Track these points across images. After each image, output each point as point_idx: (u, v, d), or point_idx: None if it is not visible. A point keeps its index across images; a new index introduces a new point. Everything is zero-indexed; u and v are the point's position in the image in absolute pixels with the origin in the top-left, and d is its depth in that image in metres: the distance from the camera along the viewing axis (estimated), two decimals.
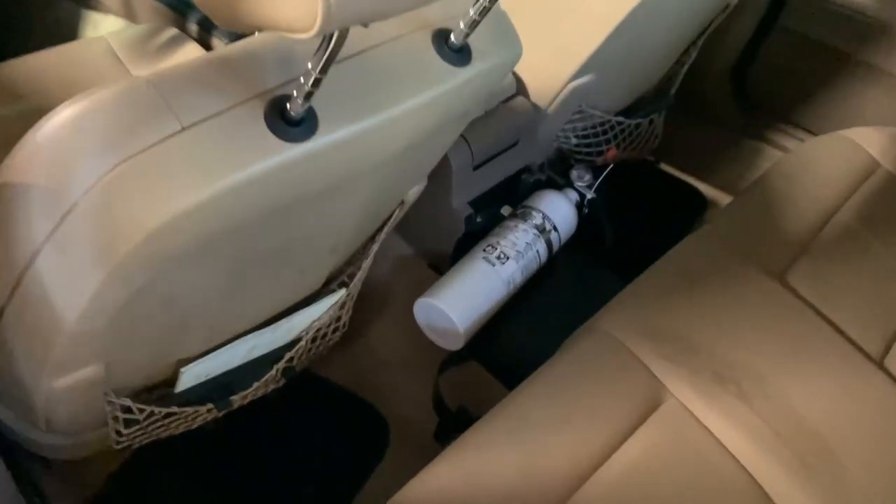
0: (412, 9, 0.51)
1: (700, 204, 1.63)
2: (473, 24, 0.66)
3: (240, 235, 0.65)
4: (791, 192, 1.25)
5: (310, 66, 0.53)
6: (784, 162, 1.32)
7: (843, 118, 1.46)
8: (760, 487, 0.88)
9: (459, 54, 0.67)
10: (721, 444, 0.90)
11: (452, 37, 0.68)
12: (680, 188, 1.64)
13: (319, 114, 0.59)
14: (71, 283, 0.61)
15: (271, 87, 0.58)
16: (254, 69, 0.59)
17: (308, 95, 0.55)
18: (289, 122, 0.57)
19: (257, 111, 0.57)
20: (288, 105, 0.57)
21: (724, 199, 1.65)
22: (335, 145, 0.60)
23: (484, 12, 0.65)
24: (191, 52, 1.21)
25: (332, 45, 0.51)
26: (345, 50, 0.55)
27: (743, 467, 0.89)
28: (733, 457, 0.89)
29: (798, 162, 1.32)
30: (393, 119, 0.64)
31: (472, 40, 0.69)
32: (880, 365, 1.05)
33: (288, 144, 0.57)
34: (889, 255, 1.20)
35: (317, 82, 0.54)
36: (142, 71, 1.17)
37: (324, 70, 0.53)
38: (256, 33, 0.61)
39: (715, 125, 1.68)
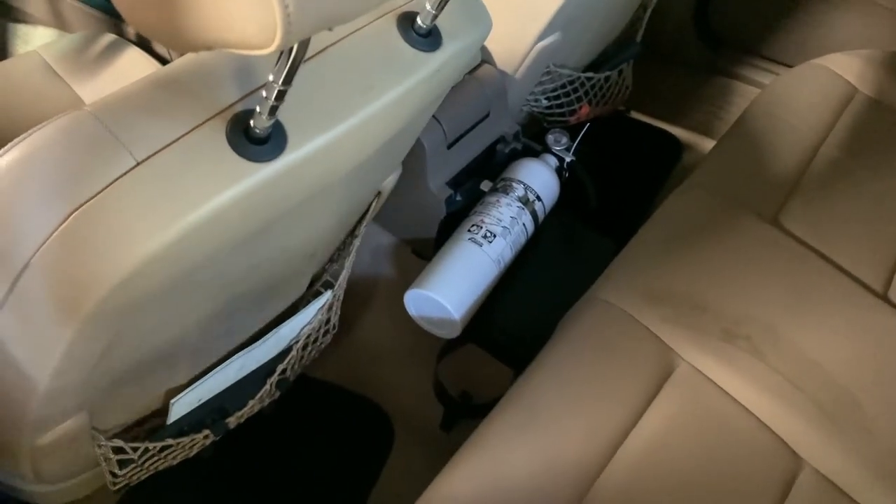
0: (376, 6, 0.45)
1: (676, 149, 1.59)
2: (441, 4, 0.60)
3: (213, 265, 0.60)
4: (773, 130, 1.21)
5: (271, 77, 0.47)
6: (761, 98, 1.28)
7: (813, 46, 1.42)
8: (785, 444, 0.86)
9: (428, 38, 0.62)
10: (740, 404, 0.87)
11: (419, 20, 0.62)
12: (654, 136, 1.60)
13: (287, 126, 0.53)
14: (37, 345, 0.55)
15: (230, 104, 0.52)
16: (208, 85, 0.53)
17: (273, 110, 0.49)
18: (254, 140, 0.52)
19: (218, 133, 0.51)
20: (251, 122, 0.51)
21: (699, 141, 1.61)
22: (308, 158, 0.54)
23: None
24: (133, 57, 1.14)
25: (294, 55, 0.45)
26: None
27: (765, 425, 0.86)
28: (754, 416, 0.87)
29: (776, 96, 1.28)
30: (367, 119, 0.58)
31: (438, 20, 0.63)
32: (884, 298, 1.03)
33: (256, 165, 0.52)
34: (877, 183, 1.17)
35: (281, 95, 0.48)
36: (83, 84, 1.09)
37: (287, 81, 0.47)
38: None
39: (683, 66, 1.64)
